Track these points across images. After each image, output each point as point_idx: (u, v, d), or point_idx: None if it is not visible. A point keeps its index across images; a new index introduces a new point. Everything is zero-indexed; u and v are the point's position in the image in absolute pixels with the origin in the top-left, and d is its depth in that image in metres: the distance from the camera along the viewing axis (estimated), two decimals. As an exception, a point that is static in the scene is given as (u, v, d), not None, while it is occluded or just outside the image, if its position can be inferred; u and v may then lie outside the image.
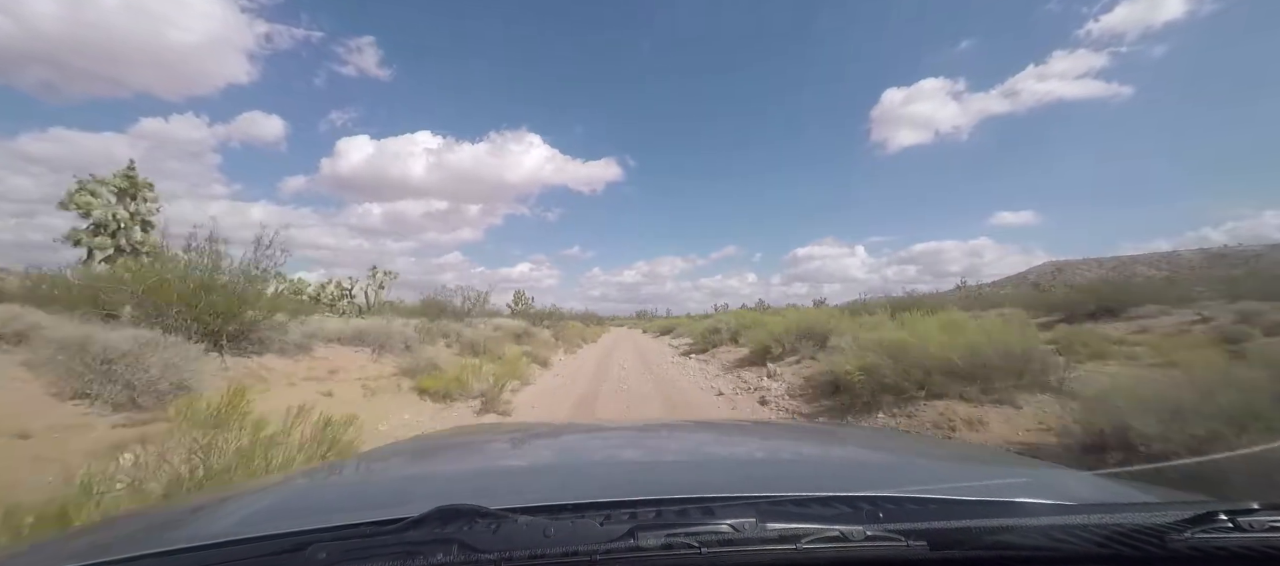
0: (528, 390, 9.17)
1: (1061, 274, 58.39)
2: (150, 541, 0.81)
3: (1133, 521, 0.68)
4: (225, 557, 0.68)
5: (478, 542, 0.64)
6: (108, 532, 1.03)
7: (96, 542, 0.90)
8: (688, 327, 28.22)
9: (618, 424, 3.48)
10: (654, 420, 4.69)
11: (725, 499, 0.77)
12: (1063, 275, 54.23)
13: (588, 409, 7.38)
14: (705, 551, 0.64)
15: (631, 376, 11.01)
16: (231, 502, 1.11)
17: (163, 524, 1.02)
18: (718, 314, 35.43)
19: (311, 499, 1.13)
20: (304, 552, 0.65)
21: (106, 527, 1.16)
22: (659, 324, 46.56)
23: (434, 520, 0.68)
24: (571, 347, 20.66)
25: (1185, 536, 0.65)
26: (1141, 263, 68.94)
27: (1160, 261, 66.73)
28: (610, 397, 8.25)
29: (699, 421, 3.60)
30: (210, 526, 0.91)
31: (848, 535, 0.66)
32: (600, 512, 0.73)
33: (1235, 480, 2.22)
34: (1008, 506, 0.80)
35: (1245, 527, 0.66)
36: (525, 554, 0.62)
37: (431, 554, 0.62)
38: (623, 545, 0.64)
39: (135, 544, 0.79)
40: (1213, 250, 53.39)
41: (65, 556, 0.68)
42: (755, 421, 4.23)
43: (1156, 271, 50.86)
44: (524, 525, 0.68)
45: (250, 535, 0.73)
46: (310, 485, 1.29)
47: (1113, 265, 72.64)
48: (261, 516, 0.95)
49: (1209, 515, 0.67)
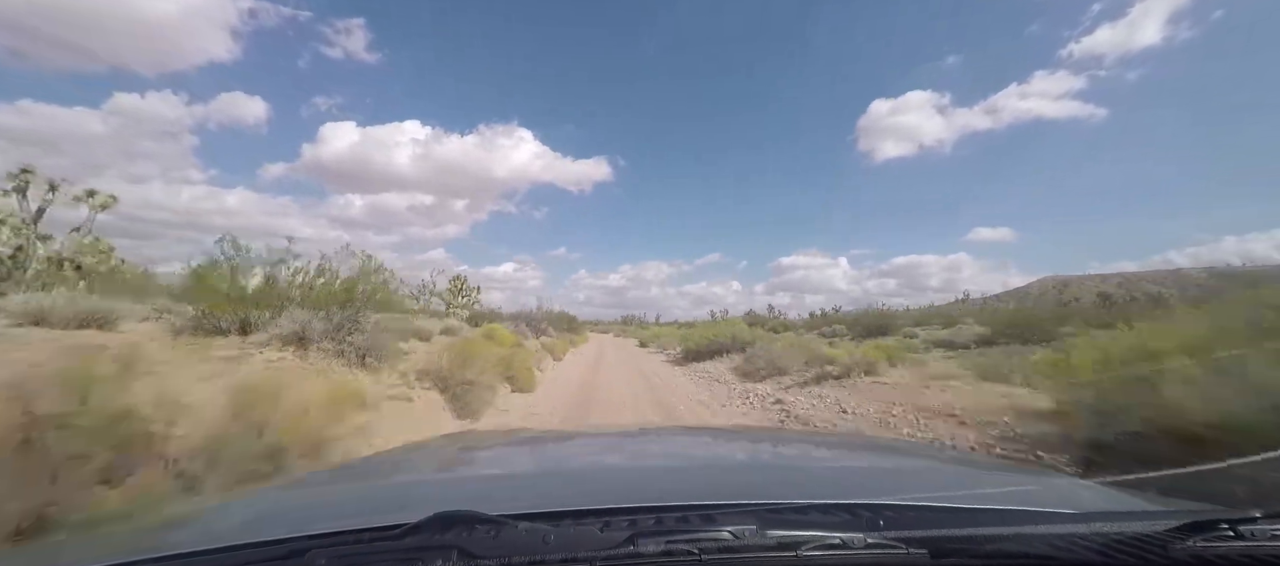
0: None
1: (1067, 289, 57.99)
2: (150, 546, 0.81)
3: (1135, 529, 0.68)
4: (224, 562, 0.68)
5: (477, 549, 0.64)
6: (106, 538, 1.02)
7: (96, 547, 0.90)
8: (675, 338, 22.99)
9: (618, 430, 3.46)
10: (655, 426, 4.65)
11: (725, 506, 0.77)
12: (1068, 290, 53.87)
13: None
14: (705, 558, 0.64)
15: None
16: (231, 508, 1.10)
17: (162, 529, 1.02)
18: (719, 321, 35.13)
19: (311, 504, 1.13)
20: (303, 558, 0.65)
21: (105, 533, 1.16)
22: (636, 332, 42.85)
23: (433, 526, 0.68)
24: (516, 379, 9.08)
25: (1187, 544, 0.65)
26: (1147, 279, 68.49)
27: (1166, 278, 66.27)
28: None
29: (699, 427, 3.60)
30: (209, 531, 0.91)
31: (848, 543, 0.66)
32: (600, 519, 0.73)
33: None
34: (1009, 514, 0.79)
35: (1247, 536, 0.66)
36: (524, 560, 0.62)
37: (431, 560, 0.63)
38: (622, 551, 0.64)
39: (134, 549, 0.78)
40: (1219, 268, 53.09)
41: (63, 561, 0.68)
42: (756, 428, 4.21)
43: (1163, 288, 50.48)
44: (523, 531, 0.67)
45: (249, 541, 0.73)
46: (310, 490, 1.29)
47: (1117, 281, 72.26)
48: (261, 522, 0.95)
49: (1211, 523, 0.67)
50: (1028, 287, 74.34)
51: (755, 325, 30.64)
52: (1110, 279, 74.14)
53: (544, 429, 4.01)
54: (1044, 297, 52.34)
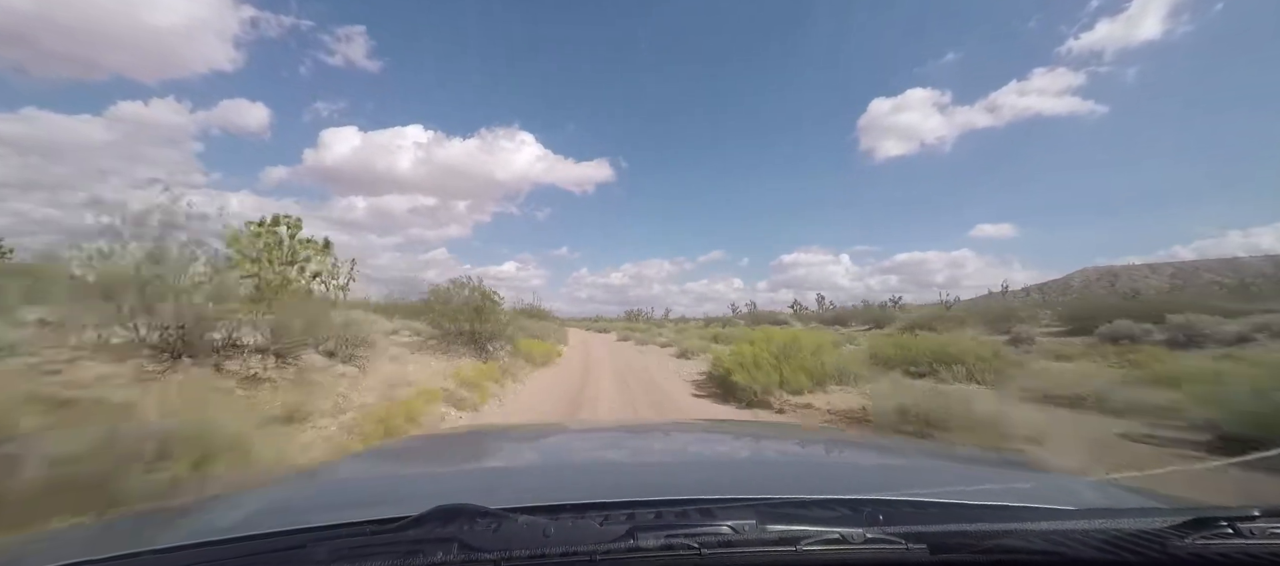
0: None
1: (1118, 279, 55.08)
2: (151, 538, 0.81)
3: (1134, 526, 0.67)
4: (225, 555, 0.69)
5: (477, 542, 0.64)
6: (108, 530, 1.04)
7: (97, 539, 0.91)
8: (701, 343, 17.09)
9: (618, 424, 3.44)
10: (655, 421, 4.62)
11: (725, 500, 0.77)
12: (1120, 281, 51.20)
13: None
14: (705, 552, 0.64)
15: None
16: (233, 500, 1.11)
17: (164, 521, 1.03)
18: (732, 318, 33.13)
19: (312, 497, 1.14)
20: (304, 551, 0.66)
21: (107, 525, 1.17)
22: (645, 332, 30.32)
23: (434, 519, 0.68)
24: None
25: (1186, 542, 0.64)
26: (1204, 268, 64.70)
27: (1220, 267, 62.45)
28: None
29: (699, 422, 3.56)
30: (211, 524, 0.91)
31: (848, 538, 0.66)
32: (600, 513, 0.73)
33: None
34: (1009, 510, 0.79)
35: (1246, 533, 0.65)
36: (525, 553, 0.63)
37: (431, 553, 0.63)
38: (622, 545, 0.64)
39: (136, 540, 0.79)
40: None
41: (64, 553, 0.68)
42: (756, 423, 4.14)
43: (1219, 277, 47.68)
44: (524, 525, 0.68)
45: (251, 533, 0.74)
46: (311, 484, 1.30)
47: (1170, 270, 68.45)
48: (262, 514, 0.96)
49: (1210, 520, 0.66)
50: (1068, 279, 71.19)
51: (759, 322, 28.12)
52: (1161, 269, 70.41)
53: (545, 423, 4.02)
54: (1091, 289, 49.91)
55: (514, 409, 7.25)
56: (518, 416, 6.72)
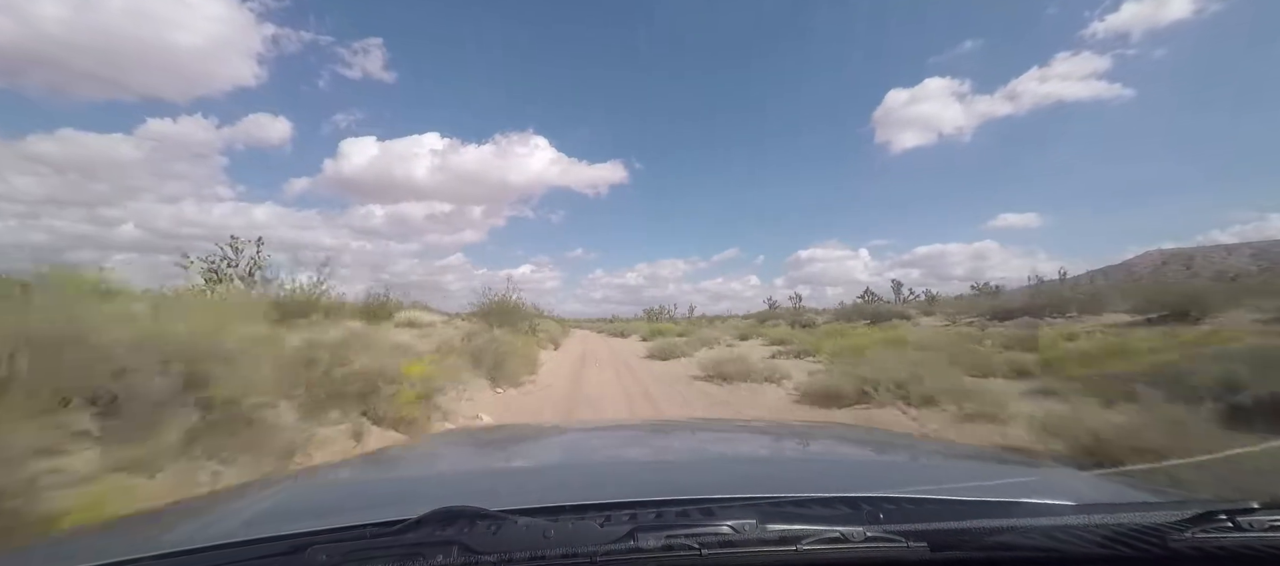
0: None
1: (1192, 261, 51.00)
2: (152, 544, 0.81)
3: (1133, 521, 0.67)
4: (226, 559, 0.69)
5: (478, 544, 0.64)
6: (109, 535, 1.05)
7: (97, 545, 0.90)
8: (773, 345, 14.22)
9: (618, 424, 3.40)
10: (654, 420, 4.56)
11: (725, 500, 0.77)
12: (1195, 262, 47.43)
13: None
14: (705, 552, 0.64)
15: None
16: (233, 504, 1.13)
17: (165, 525, 1.03)
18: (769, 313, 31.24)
19: (312, 500, 1.14)
20: (304, 554, 0.66)
21: (108, 529, 1.18)
22: (640, 328, 29.35)
23: (434, 521, 0.69)
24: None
25: (1186, 536, 0.64)
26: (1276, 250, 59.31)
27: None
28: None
29: (699, 420, 3.51)
30: (212, 528, 0.91)
31: (848, 536, 0.66)
32: (600, 514, 0.74)
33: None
34: (1008, 507, 0.78)
35: (1245, 527, 0.64)
36: (525, 555, 0.63)
37: (432, 555, 0.63)
38: (623, 546, 0.65)
39: (137, 546, 0.79)
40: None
41: (65, 559, 0.70)
42: (756, 421, 4.06)
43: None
44: (524, 526, 0.68)
45: (251, 537, 0.74)
46: (311, 487, 1.31)
47: (1249, 250, 63.08)
48: (263, 518, 0.96)
49: (1209, 514, 0.65)
50: (1131, 262, 66.65)
51: (773, 320, 26.59)
52: (1237, 250, 64.94)
53: (545, 424, 4.02)
54: (1161, 273, 46.41)
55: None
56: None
